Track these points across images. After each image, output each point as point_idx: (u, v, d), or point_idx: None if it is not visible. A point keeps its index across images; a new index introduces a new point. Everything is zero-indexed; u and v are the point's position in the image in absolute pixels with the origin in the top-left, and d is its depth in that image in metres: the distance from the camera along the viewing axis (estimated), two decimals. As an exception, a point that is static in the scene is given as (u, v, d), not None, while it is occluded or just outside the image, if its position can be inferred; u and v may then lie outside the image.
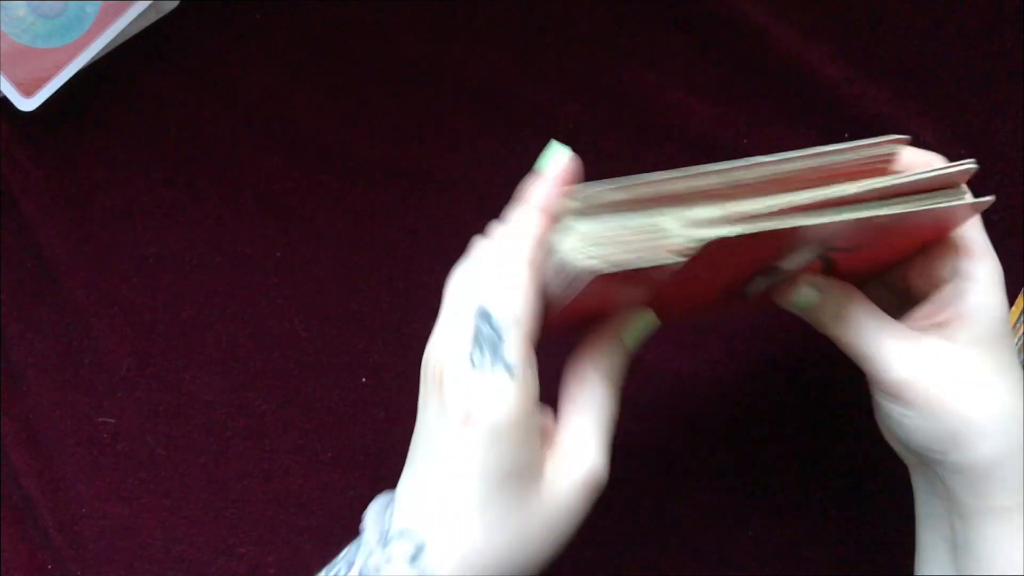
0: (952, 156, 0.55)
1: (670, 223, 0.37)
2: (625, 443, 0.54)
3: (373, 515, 0.42)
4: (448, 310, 0.40)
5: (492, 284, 0.38)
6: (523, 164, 0.45)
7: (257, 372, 0.55)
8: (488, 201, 0.52)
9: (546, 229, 0.39)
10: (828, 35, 0.56)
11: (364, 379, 0.48)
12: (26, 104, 0.54)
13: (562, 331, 0.41)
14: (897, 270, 0.45)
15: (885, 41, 0.56)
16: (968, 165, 0.39)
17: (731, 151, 0.55)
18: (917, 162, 0.42)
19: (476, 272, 0.40)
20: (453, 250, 0.55)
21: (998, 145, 0.55)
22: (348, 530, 0.44)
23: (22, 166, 0.56)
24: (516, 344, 0.37)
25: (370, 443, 0.54)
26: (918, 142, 0.55)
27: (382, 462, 0.54)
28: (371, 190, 0.56)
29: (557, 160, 0.40)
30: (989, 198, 0.40)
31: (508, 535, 0.38)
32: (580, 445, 0.40)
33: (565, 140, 0.46)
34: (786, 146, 0.41)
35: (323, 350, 0.56)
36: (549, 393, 0.40)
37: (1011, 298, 0.55)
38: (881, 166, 0.39)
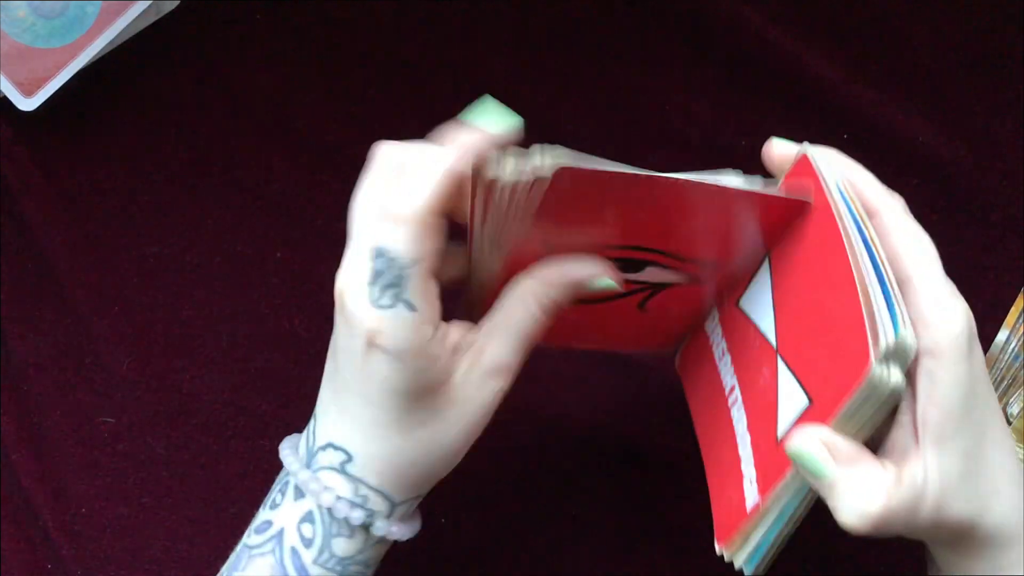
0: (952, 156, 0.55)
1: None
2: (622, 443, 0.55)
3: (289, 446, 0.43)
4: (352, 240, 0.39)
5: (391, 219, 0.37)
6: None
7: (257, 372, 0.55)
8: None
9: (464, 167, 0.37)
10: (827, 36, 0.56)
11: (364, 379, 0.49)
12: (26, 104, 0.54)
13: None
14: None
15: (884, 42, 0.56)
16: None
17: (730, 152, 0.55)
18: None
19: (378, 200, 0.38)
20: (453, 250, 0.56)
21: (998, 145, 0.55)
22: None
23: (22, 166, 0.56)
24: (416, 284, 0.37)
25: (370, 443, 0.54)
26: (918, 142, 0.56)
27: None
28: (371, 190, 0.56)
29: (498, 123, 0.39)
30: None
31: (425, 437, 0.40)
32: (490, 341, 0.40)
33: (565, 140, 0.46)
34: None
35: (323, 350, 0.55)
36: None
37: (1010, 298, 0.55)
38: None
